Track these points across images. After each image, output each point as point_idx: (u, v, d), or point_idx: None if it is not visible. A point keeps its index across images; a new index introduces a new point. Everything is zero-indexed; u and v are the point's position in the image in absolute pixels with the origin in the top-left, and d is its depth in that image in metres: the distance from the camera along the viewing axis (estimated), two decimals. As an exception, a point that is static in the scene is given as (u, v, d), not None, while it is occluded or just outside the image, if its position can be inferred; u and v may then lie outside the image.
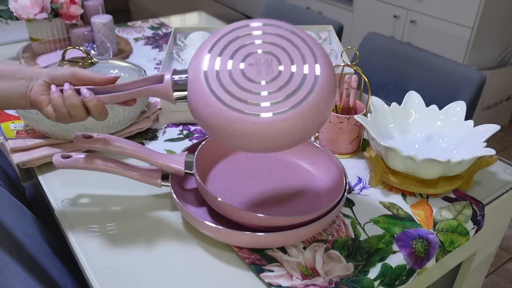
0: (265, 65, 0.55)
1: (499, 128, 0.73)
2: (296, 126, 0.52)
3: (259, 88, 0.54)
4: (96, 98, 0.60)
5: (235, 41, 0.57)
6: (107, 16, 1.22)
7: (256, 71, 0.55)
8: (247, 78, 0.54)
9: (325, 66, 0.54)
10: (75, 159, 0.67)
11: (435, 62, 1.21)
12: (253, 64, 0.55)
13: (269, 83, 0.54)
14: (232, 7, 3.52)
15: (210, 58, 0.56)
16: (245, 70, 0.55)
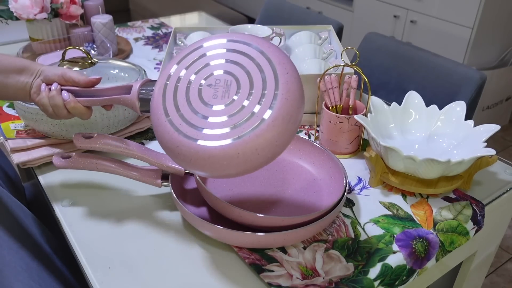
0: (223, 88, 0.54)
1: (499, 128, 0.73)
2: (238, 158, 0.50)
3: (209, 113, 0.53)
4: (74, 101, 0.65)
5: (201, 59, 0.56)
6: (107, 16, 1.22)
7: (213, 94, 0.54)
8: (201, 101, 0.53)
9: (280, 109, 0.51)
10: (75, 159, 0.67)
11: (435, 62, 1.21)
12: (211, 85, 0.54)
13: (220, 110, 0.52)
14: (232, 7, 3.51)
15: (173, 75, 0.56)
16: (202, 90, 0.54)
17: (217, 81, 0.54)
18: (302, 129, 0.93)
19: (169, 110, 0.54)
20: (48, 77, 0.66)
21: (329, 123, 0.81)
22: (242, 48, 0.55)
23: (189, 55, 0.57)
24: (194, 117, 0.53)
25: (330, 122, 0.81)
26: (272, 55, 0.54)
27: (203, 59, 0.56)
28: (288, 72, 0.53)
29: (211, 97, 0.53)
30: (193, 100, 0.54)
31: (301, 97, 0.55)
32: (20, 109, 0.79)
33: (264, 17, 1.71)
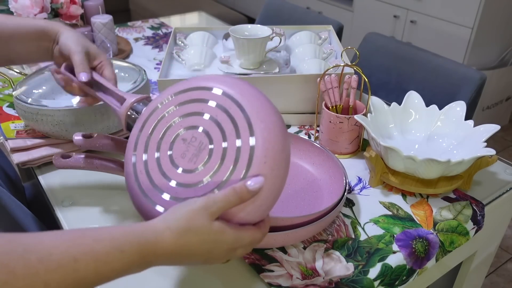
0: (194, 150, 0.50)
1: (499, 128, 0.73)
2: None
3: (173, 176, 0.50)
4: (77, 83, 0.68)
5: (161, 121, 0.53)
6: (107, 16, 1.22)
7: (181, 154, 0.50)
8: (172, 163, 0.50)
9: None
10: (75, 159, 0.67)
11: (435, 62, 1.21)
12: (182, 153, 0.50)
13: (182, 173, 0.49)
14: (232, 7, 3.51)
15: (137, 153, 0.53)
16: (173, 153, 0.50)
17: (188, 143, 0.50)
18: (302, 129, 0.93)
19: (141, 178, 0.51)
20: (62, 52, 0.66)
21: (329, 123, 0.81)
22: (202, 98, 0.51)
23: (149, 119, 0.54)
24: (160, 180, 0.50)
25: (330, 122, 0.81)
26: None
27: (163, 121, 0.53)
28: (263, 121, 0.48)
29: (186, 162, 0.49)
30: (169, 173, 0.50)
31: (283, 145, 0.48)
32: (20, 109, 0.79)
33: (264, 17, 1.71)
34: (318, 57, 1.03)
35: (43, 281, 0.35)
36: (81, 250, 0.37)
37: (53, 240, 0.37)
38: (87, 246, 0.38)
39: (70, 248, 0.37)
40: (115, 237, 0.39)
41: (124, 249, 0.39)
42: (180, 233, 0.42)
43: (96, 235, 0.39)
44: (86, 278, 0.37)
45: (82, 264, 0.37)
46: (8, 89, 1.02)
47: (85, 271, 0.37)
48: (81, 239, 0.38)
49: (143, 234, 0.41)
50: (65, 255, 0.36)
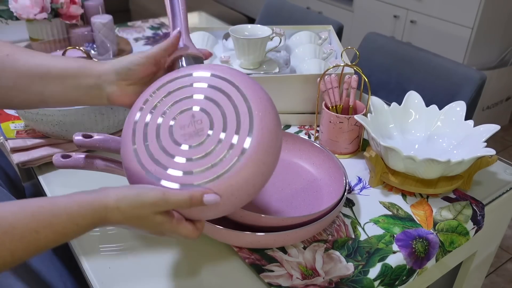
0: (194, 127, 0.51)
1: (499, 128, 0.73)
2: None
3: (177, 152, 0.50)
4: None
5: (174, 93, 0.53)
6: (107, 16, 1.22)
7: (183, 133, 0.51)
8: (171, 139, 0.51)
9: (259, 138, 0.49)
10: (75, 159, 0.67)
11: (435, 62, 1.21)
12: (183, 125, 0.51)
13: (187, 150, 0.50)
14: (232, 7, 3.51)
15: (143, 111, 0.54)
16: (173, 128, 0.51)
17: (190, 120, 0.52)
18: (302, 129, 0.93)
19: (139, 151, 0.52)
20: (128, 71, 0.57)
21: (329, 123, 0.81)
22: (222, 85, 0.53)
23: (171, 83, 0.55)
24: (161, 154, 0.50)
25: (330, 122, 0.81)
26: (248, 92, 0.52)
27: (176, 94, 0.53)
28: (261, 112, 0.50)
29: (181, 135, 0.51)
30: (163, 137, 0.51)
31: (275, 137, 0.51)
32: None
33: (264, 17, 1.71)
34: (318, 57, 1.03)
35: (9, 251, 0.41)
36: (41, 224, 0.43)
37: (15, 214, 0.42)
38: (46, 220, 0.43)
39: (31, 222, 0.42)
40: (72, 213, 0.45)
41: (79, 223, 0.45)
42: (126, 217, 0.47)
43: (53, 210, 0.44)
44: (47, 246, 0.44)
45: (42, 235, 0.43)
46: (8, 89, 1.02)
47: (45, 241, 0.43)
48: (40, 215, 0.43)
49: (96, 211, 0.46)
50: (27, 228, 0.42)
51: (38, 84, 0.57)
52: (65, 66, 0.58)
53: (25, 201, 0.44)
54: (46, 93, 0.58)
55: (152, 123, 0.53)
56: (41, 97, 0.58)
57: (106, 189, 0.49)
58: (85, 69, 0.58)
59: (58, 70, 0.57)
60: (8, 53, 0.56)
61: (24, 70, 0.56)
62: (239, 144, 0.48)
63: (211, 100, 0.52)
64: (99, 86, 0.58)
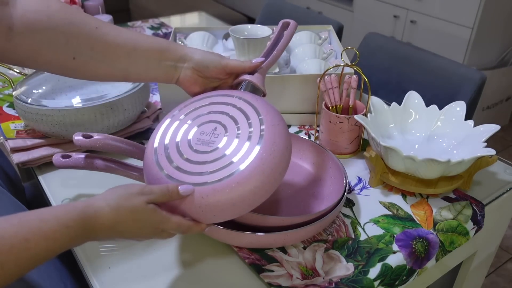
0: (209, 137, 0.57)
1: (499, 128, 0.73)
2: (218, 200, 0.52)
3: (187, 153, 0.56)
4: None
5: (213, 105, 0.61)
6: (107, 16, 1.22)
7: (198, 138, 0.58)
8: (187, 142, 0.57)
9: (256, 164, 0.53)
10: (75, 159, 0.67)
11: (435, 62, 1.21)
12: (203, 132, 0.58)
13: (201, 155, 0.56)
14: (232, 7, 3.51)
15: (175, 115, 0.62)
16: (194, 133, 0.58)
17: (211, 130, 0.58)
18: (302, 129, 0.93)
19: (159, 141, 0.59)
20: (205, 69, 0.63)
21: (329, 123, 0.81)
22: (247, 109, 0.59)
23: (215, 97, 0.62)
24: (175, 153, 0.57)
25: (330, 122, 0.81)
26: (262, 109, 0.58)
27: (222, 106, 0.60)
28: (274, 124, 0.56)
29: (197, 140, 0.57)
30: (181, 139, 0.58)
31: (285, 152, 0.56)
32: (20, 109, 0.79)
33: (264, 17, 1.71)
34: (318, 57, 1.03)
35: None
36: (30, 231, 0.41)
37: (1, 224, 0.40)
38: (35, 227, 0.41)
39: (20, 230, 0.40)
40: (59, 215, 0.43)
41: (69, 225, 0.44)
42: (118, 210, 0.47)
43: (41, 216, 0.43)
44: (38, 255, 0.41)
45: (33, 243, 0.41)
46: (8, 89, 1.02)
47: (36, 249, 0.41)
48: (27, 222, 0.42)
49: (84, 210, 0.45)
50: (16, 236, 0.40)
51: (124, 60, 0.60)
52: (151, 45, 0.61)
53: (11, 215, 0.42)
54: (131, 69, 0.61)
55: (178, 126, 0.60)
56: (125, 73, 0.62)
57: (93, 197, 0.49)
58: (169, 50, 0.63)
59: (144, 49, 0.61)
60: (97, 26, 0.58)
61: (113, 45, 0.59)
62: (235, 165, 0.53)
63: (234, 120, 0.58)
64: (177, 67, 0.63)
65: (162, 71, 0.63)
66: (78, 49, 0.57)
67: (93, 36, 0.58)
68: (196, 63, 0.63)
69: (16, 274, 0.40)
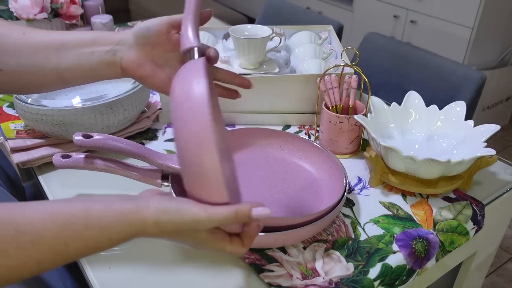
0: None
1: (499, 128, 0.73)
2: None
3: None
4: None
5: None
6: (107, 16, 1.22)
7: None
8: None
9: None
10: (75, 159, 0.67)
11: (435, 62, 1.21)
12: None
13: None
14: (232, 7, 3.51)
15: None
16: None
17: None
18: (302, 129, 0.93)
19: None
20: (148, 35, 0.55)
21: (329, 123, 0.81)
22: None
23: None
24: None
25: (330, 122, 0.81)
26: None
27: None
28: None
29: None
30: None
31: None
32: (20, 109, 0.79)
33: (264, 17, 1.71)
34: (318, 57, 1.03)
35: (35, 261, 0.38)
36: (72, 236, 0.39)
37: (44, 222, 0.39)
38: (78, 232, 0.40)
39: (61, 232, 0.39)
40: (105, 226, 0.41)
41: (113, 238, 0.42)
42: (165, 233, 0.44)
43: (86, 221, 0.40)
44: (76, 257, 0.41)
45: (72, 248, 0.39)
46: (8, 89, 1.02)
47: (75, 254, 0.40)
48: (72, 225, 0.40)
49: (132, 225, 0.42)
50: (56, 239, 0.39)
51: (54, 58, 0.55)
52: (81, 36, 0.56)
53: (58, 206, 0.41)
54: (62, 65, 0.55)
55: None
56: (57, 72, 0.56)
57: (147, 200, 0.45)
58: (102, 37, 0.56)
59: (74, 41, 0.56)
60: (25, 32, 0.56)
61: (41, 46, 0.55)
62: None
63: None
64: (115, 52, 0.56)
65: (98, 60, 0.56)
66: (4, 60, 0.54)
67: (20, 42, 0.55)
68: (135, 34, 0.55)
69: (50, 269, 0.40)
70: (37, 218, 0.39)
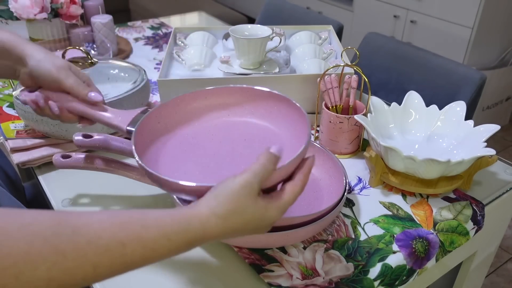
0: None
1: (499, 128, 0.73)
2: None
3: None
4: (65, 114, 0.63)
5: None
6: (107, 16, 1.22)
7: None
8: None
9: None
10: (75, 159, 0.67)
11: (435, 62, 1.21)
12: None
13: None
14: (232, 7, 3.51)
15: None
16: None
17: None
18: (302, 129, 0.93)
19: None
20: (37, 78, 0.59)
21: (329, 123, 0.81)
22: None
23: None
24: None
25: (330, 122, 0.81)
26: None
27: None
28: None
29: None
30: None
31: None
32: (20, 109, 0.79)
33: (264, 17, 1.71)
34: (318, 57, 1.03)
35: (92, 263, 0.36)
36: (129, 236, 0.38)
37: (101, 223, 0.38)
38: (135, 232, 0.39)
39: (118, 233, 0.38)
40: (162, 225, 0.40)
41: (171, 238, 0.40)
42: (226, 218, 0.42)
43: (143, 221, 0.40)
44: (133, 262, 0.39)
45: (129, 249, 0.38)
46: (8, 89, 1.02)
47: (132, 256, 0.38)
48: (128, 224, 0.39)
49: (190, 224, 0.41)
50: (113, 239, 0.37)
51: None
52: None
53: (114, 211, 0.41)
54: None
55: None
56: None
57: (196, 202, 0.45)
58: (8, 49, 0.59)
59: None
60: None
61: None
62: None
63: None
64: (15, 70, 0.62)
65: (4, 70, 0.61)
66: None
67: None
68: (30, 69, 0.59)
69: (106, 276, 0.38)
70: (94, 219, 0.38)
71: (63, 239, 0.35)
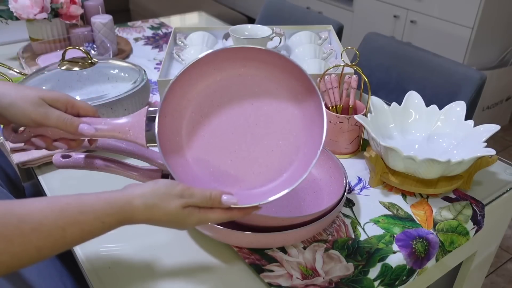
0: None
1: (499, 128, 0.73)
2: None
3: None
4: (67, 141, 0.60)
5: None
6: (107, 16, 1.22)
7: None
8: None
9: None
10: (75, 159, 0.67)
11: (435, 62, 1.21)
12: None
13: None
14: (232, 7, 3.51)
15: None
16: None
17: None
18: (302, 129, 0.93)
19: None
20: (11, 118, 0.53)
21: (329, 123, 0.81)
22: None
23: None
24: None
25: (330, 122, 0.81)
26: None
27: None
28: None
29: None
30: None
31: None
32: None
33: (264, 17, 1.71)
34: (318, 57, 1.03)
35: (36, 247, 0.42)
36: (68, 222, 0.44)
37: (42, 210, 0.43)
38: (73, 218, 0.44)
39: (58, 219, 0.43)
40: (97, 210, 0.46)
41: (105, 221, 0.47)
42: (152, 209, 0.49)
43: (80, 207, 0.45)
44: (72, 243, 0.45)
45: (69, 232, 0.44)
46: (8, 89, 1.02)
47: (71, 238, 0.44)
48: (67, 212, 0.44)
49: (122, 208, 0.48)
50: (54, 225, 0.43)
51: None
52: None
53: (53, 197, 0.46)
54: None
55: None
56: None
57: (132, 186, 0.51)
58: None
59: None
60: None
61: None
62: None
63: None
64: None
65: None
66: None
67: None
68: (3, 108, 0.53)
69: (50, 256, 0.44)
70: (35, 208, 0.43)
71: (10, 228, 0.40)
